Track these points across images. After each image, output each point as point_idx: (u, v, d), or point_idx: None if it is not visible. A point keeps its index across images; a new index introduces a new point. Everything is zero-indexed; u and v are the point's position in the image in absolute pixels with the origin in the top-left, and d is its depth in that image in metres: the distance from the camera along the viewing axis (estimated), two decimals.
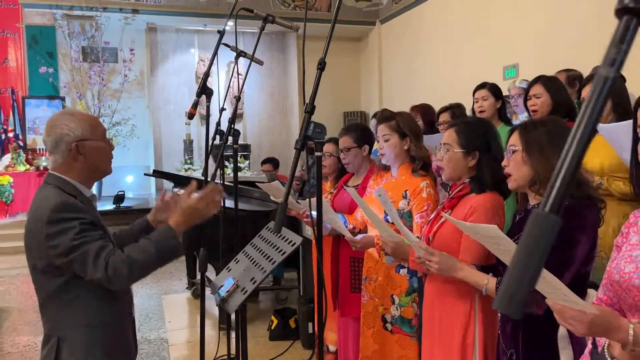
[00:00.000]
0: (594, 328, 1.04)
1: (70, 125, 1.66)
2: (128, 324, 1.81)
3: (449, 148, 1.85)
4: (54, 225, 1.54)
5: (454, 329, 1.81)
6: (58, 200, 1.57)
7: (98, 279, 1.55)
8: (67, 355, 1.64)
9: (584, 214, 1.45)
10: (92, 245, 1.56)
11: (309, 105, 1.30)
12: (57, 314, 1.66)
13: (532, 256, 0.37)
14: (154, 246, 1.60)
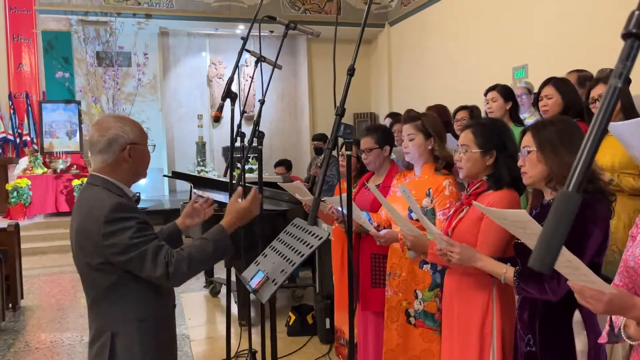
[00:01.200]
0: (611, 306, 1.15)
1: (125, 129, 1.76)
2: (173, 317, 1.91)
3: (467, 149, 1.95)
4: (111, 225, 1.62)
5: (472, 320, 1.91)
6: (114, 202, 1.66)
7: (157, 276, 1.64)
8: (123, 350, 1.71)
9: (596, 207, 1.55)
10: (150, 245, 1.64)
11: (340, 108, 1.41)
12: (109, 309, 1.73)
13: (559, 225, 0.48)
14: (211, 245, 1.72)
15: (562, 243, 0.48)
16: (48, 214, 8.90)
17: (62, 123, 9.77)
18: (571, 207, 0.48)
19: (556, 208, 0.49)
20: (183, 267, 1.65)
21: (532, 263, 0.48)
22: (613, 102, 0.49)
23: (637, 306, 1.15)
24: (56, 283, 6.12)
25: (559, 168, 1.61)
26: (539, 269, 0.48)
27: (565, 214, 0.48)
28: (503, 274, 1.68)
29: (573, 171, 0.49)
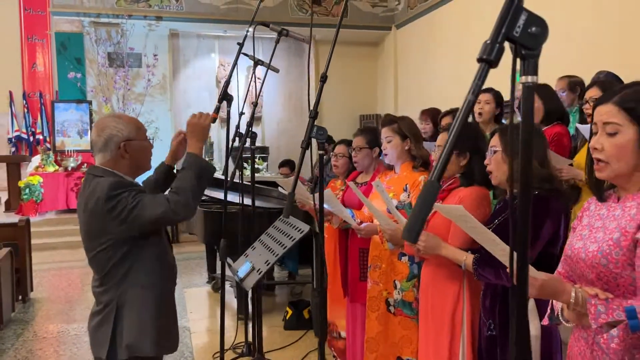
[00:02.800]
0: (543, 290, 1.28)
1: (119, 127, 1.90)
2: (173, 297, 2.07)
3: (441, 149, 2.09)
4: (112, 200, 1.79)
5: (444, 309, 2.05)
6: (110, 180, 1.82)
7: (161, 214, 1.79)
8: (125, 315, 1.88)
9: (549, 203, 1.69)
10: (146, 197, 1.82)
11: (313, 112, 1.55)
12: (118, 281, 1.89)
13: (423, 205, 0.61)
14: (191, 171, 1.87)
15: (425, 219, 0.62)
16: (59, 210, 9.13)
17: (73, 122, 10.01)
18: (432, 191, 0.62)
19: (422, 192, 0.63)
20: (177, 197, 1.80)
21: (404, 235, 0.62)
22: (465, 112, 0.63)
23: (567, 291, 1.28)
24: (65, 277, 6.33)
25: None
26: (407, 239, 0.62)
27: (428, 197, 0.61)
28: (463, 261, 1.83)
29: (435, 165, 0.63)
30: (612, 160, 1.27)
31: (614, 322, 1.20)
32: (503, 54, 0.64)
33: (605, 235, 1.30)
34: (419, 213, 0.60)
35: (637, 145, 1.25)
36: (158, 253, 1.97)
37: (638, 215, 1.24)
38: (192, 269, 6.52)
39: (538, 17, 0.66)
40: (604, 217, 1.35)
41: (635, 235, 1.23)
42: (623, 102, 1.26)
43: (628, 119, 1.25)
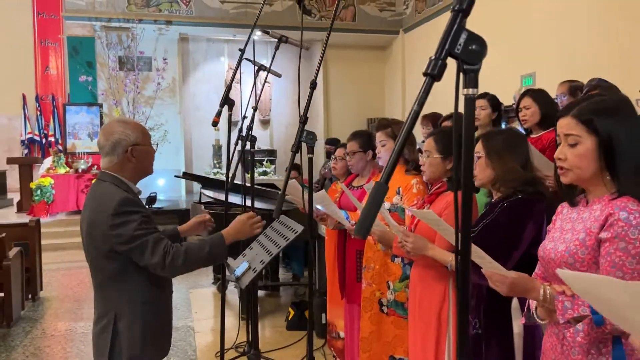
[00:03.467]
0: (513, 288, 1.35)
1: (127, 132, 1.96)
2: (171, 304, 2.13)
3: (429, 154, 2.17)
4: (118, 217, 1.84)
5: (431, 307, 2.12)
6: (122, 196, 1.87)
7: (154, 264, 1.84)
8: (125, 329, 1.93)
9: (532, 206, 1.75)
10: (151, 237, 1.86)
11: (303, 117, 1.63)
12: (114, 293, 1.94)
13: (372, 203, 0.69)
14: (208, 248, 1.94)
15: (374, 217, 0.69)
16: (69, 212, 9.28)
17: (84, 125, 10.18)
18: (381, 191, 0.69)
19: (372, 192, 0.70)
20: (178, 260, 1.86)
21: (355, 232, 0.70)
22: (411, 122, 0.70)
23: (536, 289, 1.34)
24: (74, 277, 6.45)
25: (503, 172, 1.82)
26: (357, 235, 0.70)
27: (377, 196, 0.69)
28: (449, 262, 1.89)
29: (385, 168, 0.70)
30: (574, 168, 1.35)
31: (579, 317, 1.26)
32: (446, 69, 0.71)
33: (572, 236, 1.36)
34: (368, 212, 0.68)
35: (596, 154, 1.32)
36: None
37: (601, 217, 1.30)
38: (199, 270, 6.60)
39: (477, 36, 0.73)
40: (573, 220, 1.41)
41: (599, 235, 1.29)
42: (581, 115, 1.34)
43: (586, 130, 1.32)
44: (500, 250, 1.70)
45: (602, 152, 1.33)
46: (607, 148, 1.32)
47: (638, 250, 1.24)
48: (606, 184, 1.36)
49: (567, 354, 1.35)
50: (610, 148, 1.32)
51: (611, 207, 1.29)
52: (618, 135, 1.32)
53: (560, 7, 6.74)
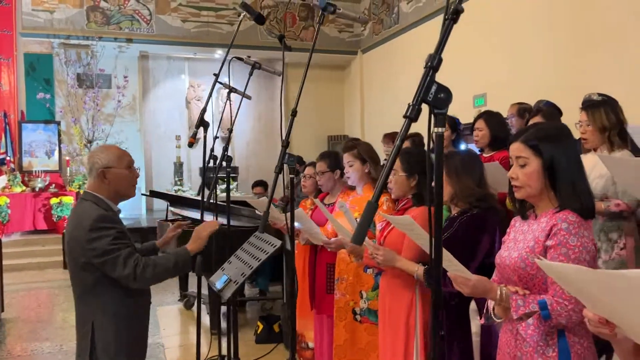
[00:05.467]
0: (475, 289, 1.56)
1: (101, 156, 2.17)
2: (147, 318, 2.29)
3: (395, 173, 2.38)
4: (94, 232, 2.01)
5: (400, 314, 2.31)
6: (99, 213, 2.06)
7: (125, 275, 2.01)
8: (99, 338, 2.08)
9: (485, 220, 1.99)
10: (123, 251, 2.04)
11: (285, 141, 1.81)
12: (91, 304, 2.10)
13: (365, 219, 0.87)
14: (174, 258, 2.17)
15: (367, 229, 0.87)
16: (26, 231, 9.07)
17: (41, 142, 10.00)
18: (371, 210, 0.87)
19: (365, 210, 0.88)
20: (148, 272, 2.05)
21: (353, 240, 0.88)
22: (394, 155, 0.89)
23: (494, 290, 1.56)
24: (35, 298, 6.34)
25: (460, 189, 2.05)
26: (354, 242, 0.88)
27: (369, 213, 0.87)
28: (416, 271, 2.10)
29: (376, 189, 0.89)
30: (524, 186, 1.58)
31: (530, 313, 1.48)
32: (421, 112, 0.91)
33: (524, 245, 1.59)
34: (362, 224, 0.86)
35: (541, 173, 1.56)
36: None
37: (547, 227, 1.53)
38: (164, 288, 6.62)
39: (445, 87, 0.93)
40: (524, 232, 1.65)
41: (545, 243, 1.52)
42: (527, 140, 1.58)
43: (532, 153, 1.57)
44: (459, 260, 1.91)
45: (546, 172, 1.57)
46: (550, 169, 1.56)
47: (577, 254, 1.47)
48: (550, 200, 1.59)
49: (520, 346, 1.57)
50: (552, 169, 1.56)
51: (555, 219, 1.53)
52: (558, 158, 1.56)
53: (511, 33, 7.21)
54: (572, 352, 1.49)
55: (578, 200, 1.53)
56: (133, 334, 2.17)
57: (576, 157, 1.61)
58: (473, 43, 8.03)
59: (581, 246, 1.48)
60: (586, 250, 1.48)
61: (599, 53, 5.75)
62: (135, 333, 2.19)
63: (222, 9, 10.85)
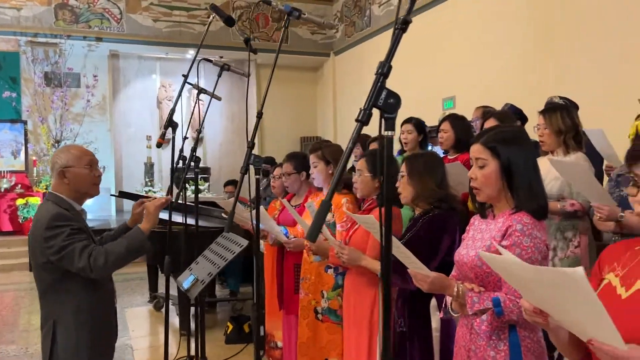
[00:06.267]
0: (433, 286, 1.62)
1: (61, 156, 2.20)
2: (110, 312, 2.29)
3: (360, 173, 2.44)
4: (50, 231, 2.04)
5: (363, 311, 2.37)
6: (54, 212, 2.08)
7: (82, 267, 2.03)
8: (61, 335, 2.10)
9: (446, 220, 2.06)
10: (78, 244, 2.05)
11: (250, 142, 1.84)
12: (53, 301, 2.12)
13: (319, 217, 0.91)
14: (126, 241, 2.14)
15: (320, 226, 0.92)
16: None
17: (7, 142, 9.77)
18: (325, 207, 0.92)
19: (319, 207, 0.93)
20: (101, 260, 2.04)
21: (307, 237, 0.92)
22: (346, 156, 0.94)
23: (451, 286, 1.63)
24: (0, 300, 6.21)
25: (422, 190, 2.12)
26: (308, 239, 0.92)
27: (323, 211, 0.92)
28: (379, 269, 2.16)
29: (330, 188, 0.94)
30: (482, 186, 1.65)
31: (484, 309, 1.55)
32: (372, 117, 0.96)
33: (481, 244, 1.66)
34: (316, 222, 0.90)
35: (499, 175, 1.63)
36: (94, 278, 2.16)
37: (503, 228, 1.61)
38: (133, 289, 6.57)
39: (395, 93, 0.99)
40: (482, 230, 1.72)
41: (501, 243, 1.59)
42: (487, 142, 1.65)
43: (491, 154, 1.64)
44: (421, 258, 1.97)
45: (504, 174, 1.64)
46: (507, 170, 1.63)
47: (529, 255, 1.55)
48: (507, 201, 1.67)
49: (474, 340, 1.64)
50: (510, 170, 1.63)
51: (510, 220, 1.60)
52: (516, 160, 1.63)
53: (480, 37, 7.37)
54: (522, 345, 1.56)
55: (534, 201, 1.60)
56: (96, 331, 2.17)
57: (533, 159, 1.68)
58: (443, 46, 8.19)
59: (534, 247, 1.55)
60: (538, 251, 1.56)
61: (565, 57, 5.94)
62: (98, 330, 2.19)
63: (194, 8, 10.78)
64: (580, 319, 1.02)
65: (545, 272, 0.98)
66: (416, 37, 8.76)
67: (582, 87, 5.39)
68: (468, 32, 7.63)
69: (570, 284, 0.94)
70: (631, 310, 1.11)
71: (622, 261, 1.21)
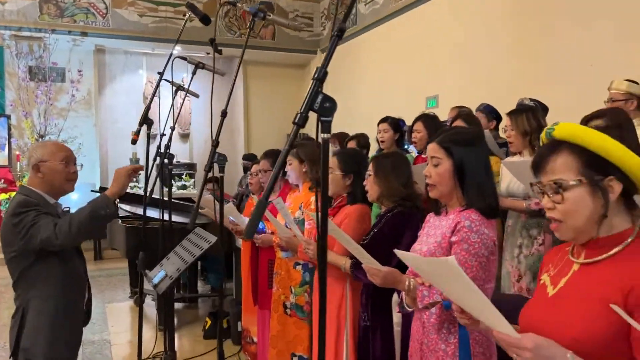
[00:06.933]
0: (385, 280, 1.68)
1: (37, 150, 2.25)
2: (80, 299, 2.34)
3: (332, 171, 2.49)
4: (17, 217, 2.10)
5: (331, 305, 2.42)
6: (22, 198, 2.14)
7: (47, 237, 2.06)
8: (31, 319, 2.15)
9: (409, 217, 2.12)
10: (42, 221, 2.09)
11: (215, 141, 1.88)
12: (24, 289, 2.18)
13: (255, 215, 0.96)
14: (90, 205, 2.16)
15: (257, 224, 0.96)
16: None
17: None
18: (262, 207, 0.96)
19: (255, 207, 0.97)
20: (65, 226, 2.07)
21: (244, 234, 0.96)
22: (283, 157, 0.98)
23: (403, 281, 1.69)
24: None
25: (386, 189, 2.17)
26: (245, 236, 0.97)
27: (259, 210, 0.96)
28: (343, 265, 2.22)
29: (267, 185, 0.98)
30: (436, 184, 1.71)
31: (434, 303, 1.61)
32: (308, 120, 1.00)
33: (433, 240, 1.72)
34: (252, 220, 0.95)
35: (452, 173, 1.69)
36: (65, 267, 2.23)
37: (452, 224, 1.67)
38: (115, 284, 6.58)
39: (330, 97, 1.04)
40: (435, 227, 1.78)
41: (450, 239, 1.65)
42: (442, 142, 1.71)
43: (445, 154, 1.70)
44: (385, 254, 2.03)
45: (456, 173, 1.70)
46: (459, 170, 1.69)
47: (476, 250, 1.61)
48: (459, 199, 1.73)
49: (427, 334, 1.70)
50: (461, 170, 1.69)
51: (459, 217, 1.66)
52: (468, 160, 1.69)
53: (463, 36, 7.44)
54: (471, 338, 1.62)
55: (482, 200, 1.66)
56: (61, 317, 2.21)
57: (485, 161, 1.74)
58: (426, 45, 8.25)
59: (481, 242, 1.61)
60: (485, 247, 1.62)
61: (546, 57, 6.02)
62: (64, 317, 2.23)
63: (180, 4, 10.74)
64: (477, 309, 1.09)
65: (434, 263, 1.05)
66: (400, 36, 8.85)
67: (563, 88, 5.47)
68: (451, 32, 7.70)
69: (450, 273, 1.01)
70: (555, 307, 1.17)
71: (555, 262, 1.28)
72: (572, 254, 1.24)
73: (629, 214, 1.17)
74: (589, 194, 1.14)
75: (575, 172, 1.14)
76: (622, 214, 1.16)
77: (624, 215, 1.16)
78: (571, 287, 1.18)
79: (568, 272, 1.21)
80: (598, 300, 1.09)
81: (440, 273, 1.08)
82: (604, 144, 1.12)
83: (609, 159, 1.12)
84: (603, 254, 1.15)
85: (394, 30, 9.05)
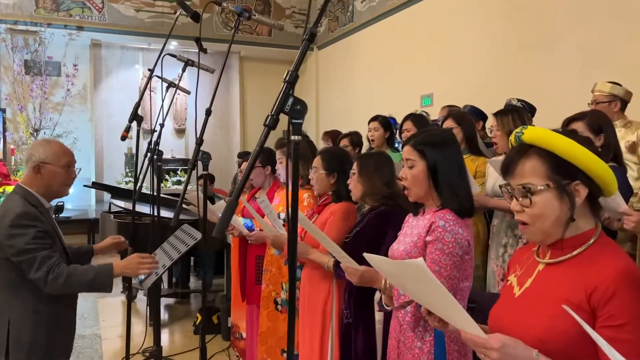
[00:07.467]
0: (362, 279, 1.71)
1: (39, 149, 2.16)
2: (70, 313, 2.26)
3: (316, 170, 2.52)
4: (14, 229, 2.00)
5: (317, 302, 2.46)
6: (21, 210, 2.03)
7: (37, 278, 1.99)
8: (15, 334, 2.06)
9: (391, 216, 2.15)
10: (40, 253, 2.00)
11: (199, 139, 1.90)
12: (9, 300, 2.07)
13: (225, 215, 0.98)
14: (93, 273, 2.08)
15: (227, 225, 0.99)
16: None
17: None
18: (232, 207, 0.99)
19: (225, 207, 1.00)
20: (60, 280, 2.00)
21: (214, 233, 1.00)
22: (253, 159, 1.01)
23: (379, 280, 1.72)
24: None
25: (370, 188, 2.20)
26: (214, 235, 1.00)
27: (229, 209, 0.99)
28: (326, 263, 2.25)
29: (237, 185, 1.01)
30: (411, 186, 1.74)
31: (409, 301, 1.64)
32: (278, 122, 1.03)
33: (410, 239, 1.75)
34: (222, 219, 0.97)
35: (426, 175, 1.72)
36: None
37: (428, 224, 1.69)
38: None
39: (301, 100, 1.06)
40: (413, 227, 1.81)
41: (425, 238, 1.68)
42: (416, 144, 1.74)
43: (419, 156, 1.72)
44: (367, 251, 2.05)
45: (430, 174, 1.72)
46: (433, 171, 1.72)
47: (450, 250, 1.64)
48: (434, 199, 1.76)
49: (404, 331, 1.73)
50: (435, 172, 1.72)
51: (434, 217, 1.69)
52: (441, 162, 1.72)
53: (456, 35, 7.47)
54: (447, 336, 1.65)
55: (456, 201, 1.69)
56: (52, 331, 2.13)
57: (458, 162, 1.77)
58: (421, 44, 8.27)
59: (455, 242, 1.64)
60: (459, 246, 1.64)
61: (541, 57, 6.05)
62: (55, 331, 2.15)
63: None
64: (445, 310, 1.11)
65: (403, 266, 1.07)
66: (396, 34, 8.87)
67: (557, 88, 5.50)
68: (447, 30, 7.72)
69: (418, 274, 1.04)
70: (521, 307, 1.20)
71: (521, 262, 1.31)
72: (537, 254, 1.27)
73: (594, 216, 1.20)
74: (557, 198, 1.16)
75: (543, 176, 1.17)
76: (587, 215, 1.19)
77: (588, 217, 1.19)
78: (536, 288, 1.21)
79: (533, 273, 1.24)
80: (562, 300, 1.12)
81: (409, 275, 1.10)
82: (570, 149, 1.15)
83: (576, 163, 1.15)
84: (567, 254, 1.18)
85: (390, 28, 9.07)
